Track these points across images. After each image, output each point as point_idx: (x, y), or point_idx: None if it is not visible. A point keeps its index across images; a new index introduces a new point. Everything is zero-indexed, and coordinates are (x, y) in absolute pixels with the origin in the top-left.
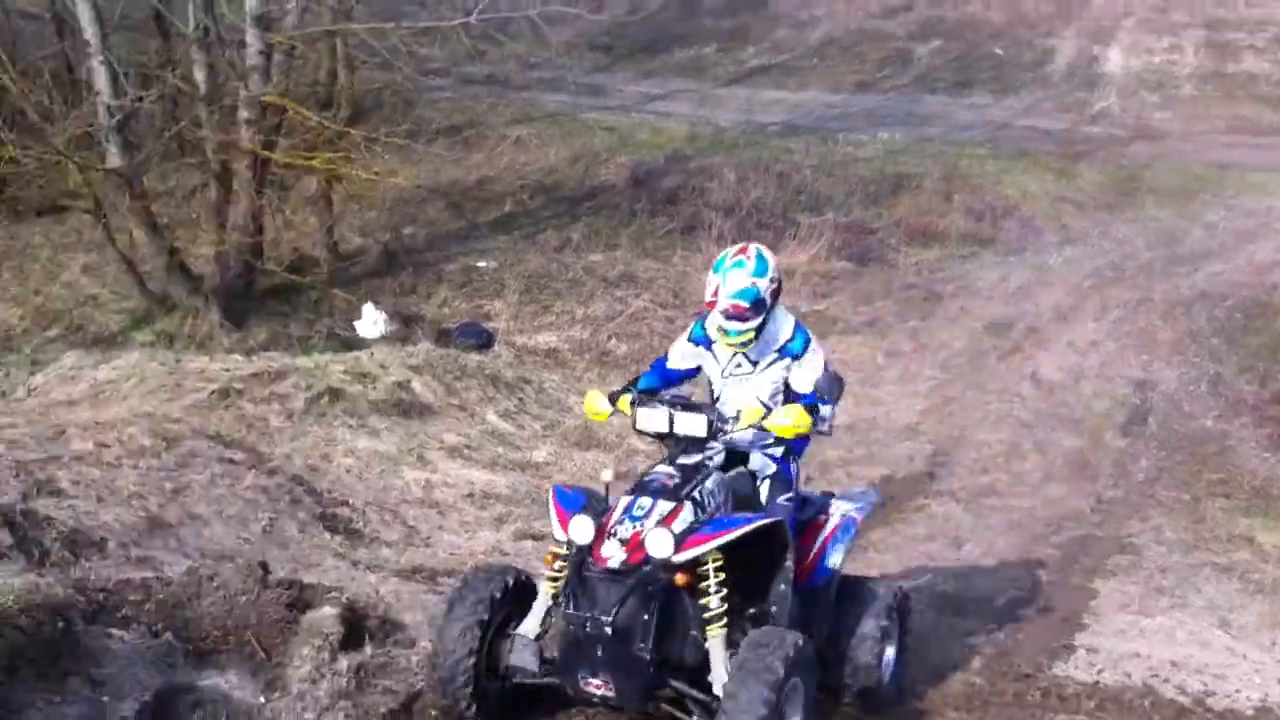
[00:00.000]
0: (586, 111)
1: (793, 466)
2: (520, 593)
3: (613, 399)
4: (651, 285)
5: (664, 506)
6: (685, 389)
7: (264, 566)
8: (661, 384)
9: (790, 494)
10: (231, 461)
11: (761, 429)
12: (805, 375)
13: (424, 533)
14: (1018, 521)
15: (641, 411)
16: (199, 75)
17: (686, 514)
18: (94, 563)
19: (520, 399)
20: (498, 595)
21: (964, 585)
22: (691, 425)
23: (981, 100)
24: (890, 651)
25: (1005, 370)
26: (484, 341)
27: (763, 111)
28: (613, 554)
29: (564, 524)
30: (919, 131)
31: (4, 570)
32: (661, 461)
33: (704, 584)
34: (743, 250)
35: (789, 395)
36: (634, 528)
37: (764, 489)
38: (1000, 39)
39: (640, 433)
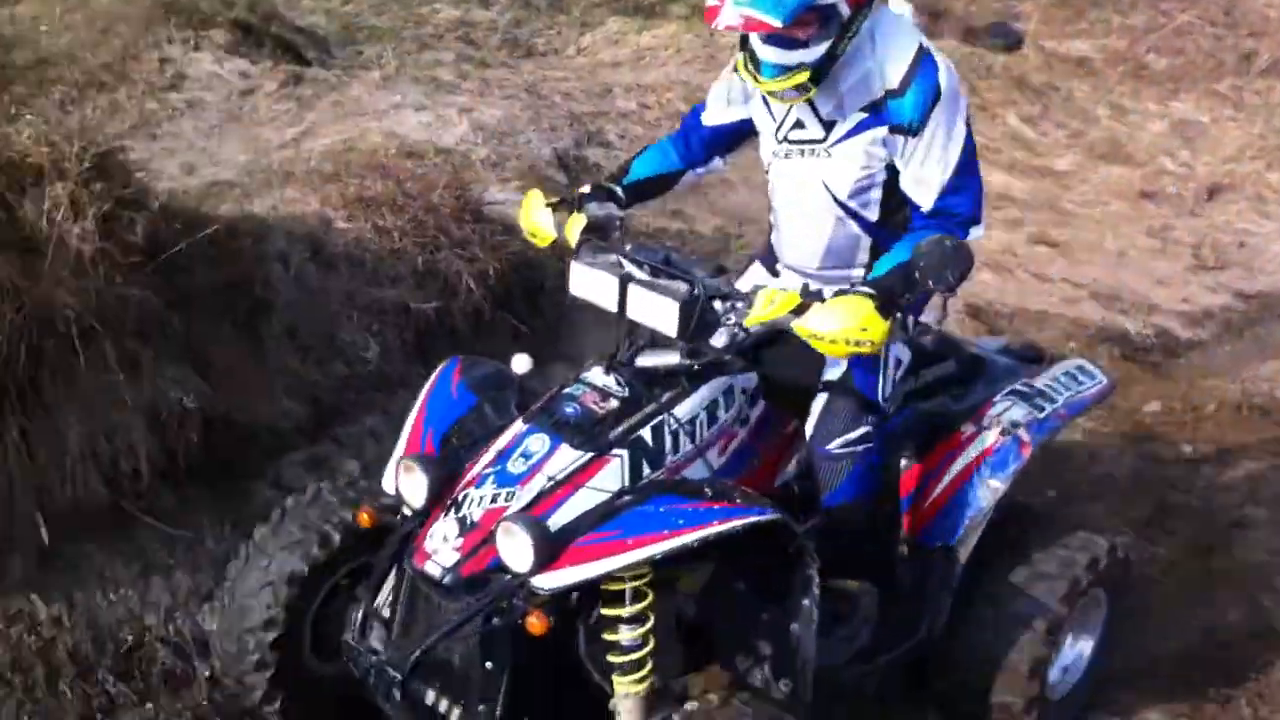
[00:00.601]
0: None
1: (886, 360)
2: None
3: (571, 206)
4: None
5: (566, 459)
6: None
7: None
8: (703, 153)
9: (864, 430)
10: None
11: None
12: (928, 167)
13: None
14: None
15: (578, 268)
16: None
17: (607, 477)
18: None
19: (1045, 105)
20: (336, 535)
21: None
22: (654, 312)
23: None
24: (1077, 653)
25: None
26: (1012, 42)
27: None
28: (439, 549)
29: (406, 455)
30: None
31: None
32: (604, 359)
33: (610, 609)
34: None
35: (891, 199)
36: (494, 499)
37: (814, 410)
38: None
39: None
